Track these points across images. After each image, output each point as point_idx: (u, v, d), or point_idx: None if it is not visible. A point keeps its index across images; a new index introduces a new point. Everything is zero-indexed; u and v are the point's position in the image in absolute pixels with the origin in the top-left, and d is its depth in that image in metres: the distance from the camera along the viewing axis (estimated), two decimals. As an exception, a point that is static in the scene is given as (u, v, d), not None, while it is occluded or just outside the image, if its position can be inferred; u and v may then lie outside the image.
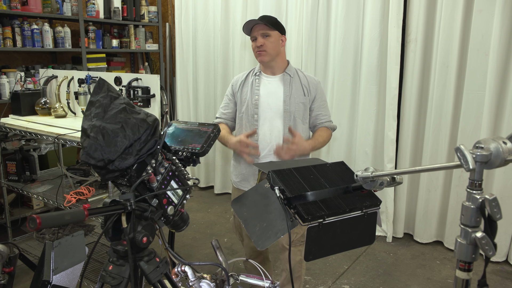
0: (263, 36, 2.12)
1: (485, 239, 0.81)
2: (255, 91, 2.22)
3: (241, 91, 2.28)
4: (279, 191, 1.19)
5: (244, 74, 2.33)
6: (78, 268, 1.38)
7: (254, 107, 2.20)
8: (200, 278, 1.51)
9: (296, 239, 2.23)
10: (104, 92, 1.12)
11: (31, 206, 3.49)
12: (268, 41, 2.13)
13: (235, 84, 2.32)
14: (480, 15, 2.90)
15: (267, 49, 2.13)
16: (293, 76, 2.22)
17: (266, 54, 2.14)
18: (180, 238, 3.44)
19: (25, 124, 2.73)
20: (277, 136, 2.20)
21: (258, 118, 2.21)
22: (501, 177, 2.97)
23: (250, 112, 2.22)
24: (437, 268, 3.06)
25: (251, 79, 2.27)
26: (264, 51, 2.13)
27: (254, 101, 2.20)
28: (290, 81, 2.20)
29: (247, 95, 2.24)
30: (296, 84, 2.21)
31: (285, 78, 2.21)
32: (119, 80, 2.64)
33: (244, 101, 2.25)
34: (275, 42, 2.14)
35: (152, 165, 1.13)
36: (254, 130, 2.18)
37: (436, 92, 3.16)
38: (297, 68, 2.29)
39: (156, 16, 4.65)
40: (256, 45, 2.14)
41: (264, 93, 2.21)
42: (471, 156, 0.80)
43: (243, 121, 2.26)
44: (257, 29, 2.13)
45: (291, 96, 2.18)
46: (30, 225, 0.83)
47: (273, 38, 2.14)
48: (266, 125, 2.20)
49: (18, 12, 3.45)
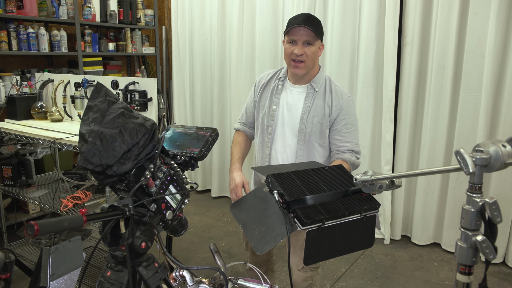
0: (305, 43, 1.81)
1: (486, 243, 0.80)
2: (274, 99, 1.96)
3: (261, 95, 2.02)
4: (278, 195, 1.19)
5: (269, 75, 2.05)
6: (76, 274, 1.36)
7: (270, 118, 1.96)
8: (199, 283, 1.50)
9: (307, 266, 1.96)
10: (102, 97, 1.12)
11: (27, 211, 3.46)
12: (309, 51, 1.81)
13: (258, 85, 2.06)
14: (476, 17, 2.91)
15: (307, 61, 1.83)
16: (319, 91, 1.91)
17: (304, 66, 1.84)
18: (177, 242, 3.43)
19: (21, 128, 2.71)
20: (290, 155, 1.96)
21: (272, 132, 1.96)
22: (498, 179, 2.98)
23: (265, 122, 1.98)
24: (435, 270, 3.06)
25: (274, 83, 2.00)
26: (303, 63, 1.83)
27: (272, 112, 1.96)
28: (313, 96, 1.90)
29: (265, 102, 1.99)
30: (319, 100, 1.90)
31: (309, 92, 1.92)
32: (116, 83, 2.63)
33: (262, 108, 2.00)
34: (315, 52, 1.84)
35: (151, 170, 1.12)
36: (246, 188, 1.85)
37: (432, 94, 3.17)
38: (328, 78, 1.96)
39: (152, 19, 4.65)
40: (296, 52, 1.81)
41: (283, 103, 1.95)
42: (471, 159, 0.80)
43: (259, 131, 2.04)
44: (300, 33, 1.80)
45: (309, 114, 1.89)
46: (28, 232, 0.82)
47: (314, 48, 1.83)
48: (279, 141, 1.97)
49: (13, 15, 3.43)
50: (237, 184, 1.84)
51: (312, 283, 2.02)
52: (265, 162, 2.02)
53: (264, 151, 2.01)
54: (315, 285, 2.05)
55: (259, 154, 2.08)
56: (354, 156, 1.92)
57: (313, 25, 1.81)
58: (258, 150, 2.08)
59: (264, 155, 2.02)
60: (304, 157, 1.94)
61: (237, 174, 1.89)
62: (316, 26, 1.82)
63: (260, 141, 2.05)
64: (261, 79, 2.06)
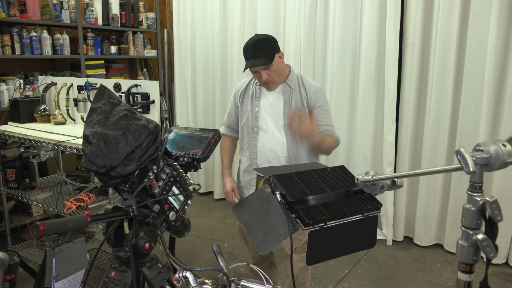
0: (265, 69, 2.01)
1: (486, 241, 0.81)
2: (255, 102, 2.15)
3: (241, 101, 2.21)
4: (280, 196, 1.19)
5: (245, 82, 2.24)
6: (80, 275, 1.37)
7: (254, 119, 2.14)
8: (202, 284, 1.50)
9: (299, 246, 2.18)
10: (106, 99, 1.13)
11: (30, 213, 3.48)
12: (272, 71, 2.02)
13: (237, 93, 2.25)
14: (477, 18, 2.92)
15: (274, 78, 2.04)
16: (294, 87, 2.11)
17: (274, 83, 2.07)
18: (180, 244, 3.43)
19: (25, 131, 2.73)
20: (280, 149, 2.12)
21: (258, 131, 2.14)
22: (501, 179, 2.98)
23: (250, 124, 2.16)
24: (438, 271, 3.06)
25: (252, 88, 2.19)
26: (272, 82, 2.05)
27: (255, 113, 2.14)
28: (290, 93, 2.10)
29: (247, 106, 2.17)
30: (296, 95, 2.10)
31: (285, 90, 2.11)
32: (119, 86, 2.65)
33: (245, 112, 2.18)
34: (277, 66, 2.03)
35: (154, 171, 1.13)
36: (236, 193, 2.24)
37: (434, 95, 3.18)
38: (299, 75, 2.17)
39: (154, 22, 4.67)
40: (263, 81, 2.04)
41: (264, 104, 2.14)
42: (471, 159, 0.80)
43: (244, 132, 2.21)
44: (255, 67, 2.01)
45: (291, 107, 2.08)
46: (34, 232, 0.83)
47: (274, 66, 2.01)
48: (266, 138, 2.13)
49: (16, 19, 3.46)
50: (227, 191, 2.21)
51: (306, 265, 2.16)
52: (253, 159, 2.17)
53: (251, 149, 2.17)
54: (308, 268, 2.29)
55: (246, 153, 2.22)
56: (335, 134, 2.14)
57: (262, 53, 1.97)
58: (244, 150, 2.23)
59: (252, 152, 2.17)
60: (292, 148, 2.11)
61: (228, 180, 2.23)
62: (264, 51, 1.97)
63: (246, 141, 2.21)
64: (239, 87, 2.25)
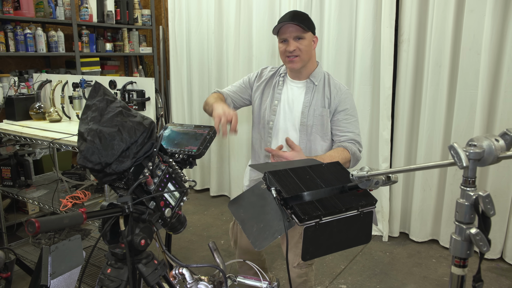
0: (296, 39, 1.85)
1: (479, 235, 0.82)
2: (276, 94, 1.99)
3: (262, 89, 2.04)
4: (275, 192, 1.20)
5: (271, 71, 2.07)
6: (76, 272, 1.38)
7: (272, 113, 1.98)
8: (198, 280, 1.51)
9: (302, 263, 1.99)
10: (100, 96, 1.13)
11: (26, 211, 3.47)
12: (302, 45, 1.85)
13: (259, 76, 2.07)
14: (472, 15, 2.93)
15: (301, 55, 1.86)
16: (318, 84, 1.94)
17: (300, 60, 1.87)
18: (176, 241, 3.44)
19: (20, 129, 2.71)
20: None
21: (272, 126, 1.98)
22: (495, 175, 3.00)
23: (266, 117, 1.99)
24: (433, 267, 3.08)
25: (275, 79, 2.03)
26: (298, 57, 1.86)
27: (273, 107, 1.98)
28: (313, 90, 1.93)
29: (267, 96, 2.01)
30: (318, 94, 1.93)
31: (308, 86, 1.95)
32: (114, 83, 2.64)
33: (264, 103, 2.02)
34: (308, 45, 1.87)
35: (149, 168, 1.13)
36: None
37: (429, 91, 3.19)
38: (327, 73, 2.00)
39: (149, 19, 4.65)
40: (288, 49, 1.85)
41: (284, 98, 1.98)
42: (464, 153, 0.81)
43: (259, 126, 2.05)
44: (289, 30, 1.84)
45: (310, 107, 1.92)
46: (29, 229, 0.83)
47: (307, 41, 1.86)
48: (280, 136, 1.98)
49: (10, 16, 3.43)
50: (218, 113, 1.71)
51: (306, 279, 2.05)
52: (266, 157, 2.02)
53: (263, 147, 2.02)
54: (309, 281, 2.08)
55: (257, 150, 2.08)
56: (356, 146, 1.91)
57: (300, 19, 1.84)
58: (256, 146, 2.09)
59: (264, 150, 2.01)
60: (306, 151, 1.93)
61: (219, 105, 1.78)
62: (304, 20, 1.85)
63: (258, 136, 2.06)
64: (267, 72, 2.07)
